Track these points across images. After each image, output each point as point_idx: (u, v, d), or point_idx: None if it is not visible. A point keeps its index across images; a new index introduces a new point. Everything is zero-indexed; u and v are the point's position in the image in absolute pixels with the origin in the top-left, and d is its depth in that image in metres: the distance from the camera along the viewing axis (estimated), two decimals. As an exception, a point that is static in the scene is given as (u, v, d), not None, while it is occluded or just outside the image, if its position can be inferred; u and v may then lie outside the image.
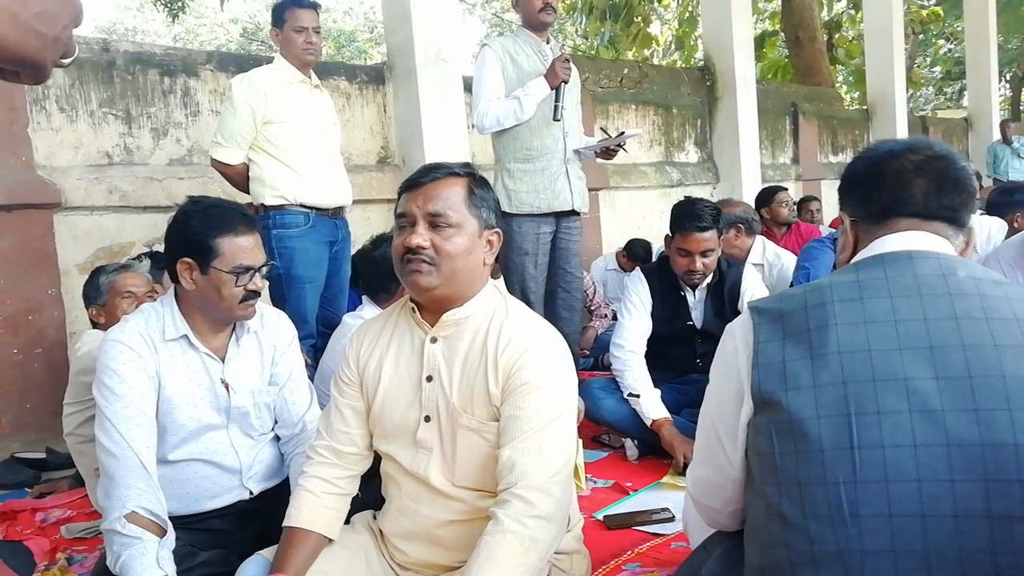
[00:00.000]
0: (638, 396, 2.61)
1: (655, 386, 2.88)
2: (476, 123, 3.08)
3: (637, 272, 2.92)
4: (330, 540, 1.44)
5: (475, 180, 1.42)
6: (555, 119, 3.03)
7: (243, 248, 1.64)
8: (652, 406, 2.59)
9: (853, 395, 0.95)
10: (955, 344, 0.95)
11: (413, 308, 1.44)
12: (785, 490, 0.97)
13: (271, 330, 1.79)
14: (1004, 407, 0.91)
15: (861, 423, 0.94)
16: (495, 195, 1.46)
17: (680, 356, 2.89)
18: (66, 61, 0.76)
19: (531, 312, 1.47)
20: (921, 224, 1.10)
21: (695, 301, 2.82)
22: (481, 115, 3.02)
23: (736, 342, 1.08)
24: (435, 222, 1.35)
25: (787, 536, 0.96)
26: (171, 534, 1.48)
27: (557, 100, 3.02)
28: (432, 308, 1.41)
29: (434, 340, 1.41)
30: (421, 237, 1.34)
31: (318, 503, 1.45)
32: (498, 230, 1.44)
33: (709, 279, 2.78)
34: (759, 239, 3.68)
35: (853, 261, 1.13)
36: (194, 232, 1.62)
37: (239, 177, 2.98)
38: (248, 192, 3.00)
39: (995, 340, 0.95)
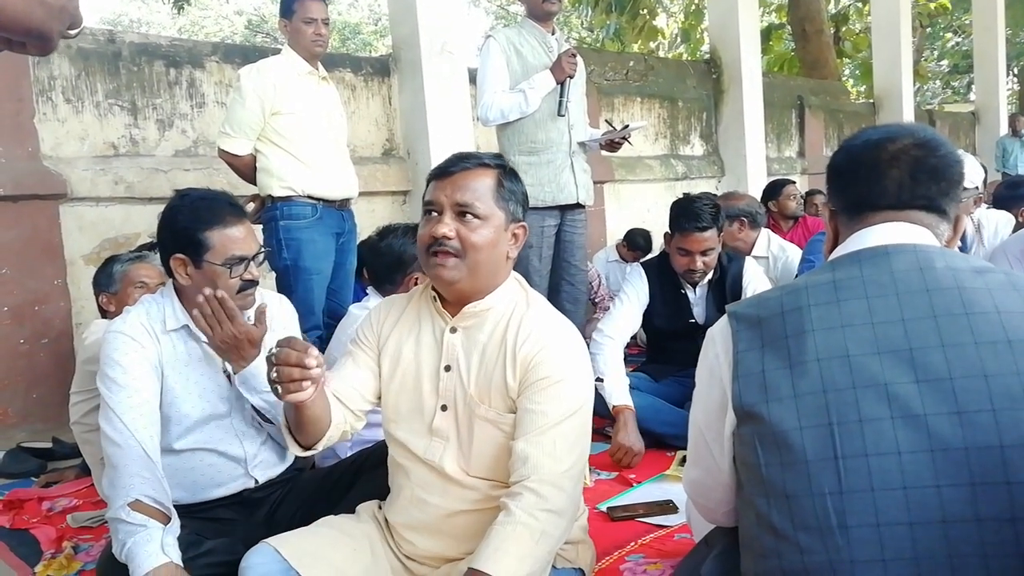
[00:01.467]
0: (603, 380, 2.60)
1: (659, 379, 2.89)
2: (480, 115, 3.07)
3: (638, 267, 2.91)
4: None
5: (505, 172, 1.41)
6: (559, 114, 3.03)
7: (234, 239, 1.62)
8: (615, 391, 2.58)
9: (834, 404, 0.93)
10: (934, 345, 0.93)
11: (434, 297, 1.44)
12: (774, 502, 0.95)
13: (272, 315, 1.78)
14: (987, 408, 0.89)
15: (844, 432, 0.92)
16: (523, 188, 1.45)
17: (683, 351, 2.87)
18: (73, 32, 0.76)
19: (551, 307, 1.47)
20: (897, 215, 1.06)
21: (696, 298, 2.81)
22: (486, 107, 3.02)
23: (717, 349, 1.06)
24: (462, 212, 1.35)
25: (778, 547, 0.95)
26: (175, 521, 1.49)
27: (562, 95, 3.01)
28: (454, 299, 1.41)
29: (454, 330, 1.41)
30: (447, 227, 1.34)
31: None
32: (524, 224, 1.43)
33: (710, 275, 2.77)
34: (764, 232, 3.67)
35: (831, 258, 1.11)
36: (183, 227, 1.61)
37: (246, 168, 2.98)
38: (255, 183, 3.00)
39: (975, 337, 0.92)
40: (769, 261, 3.54)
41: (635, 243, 4.95)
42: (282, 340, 1.23)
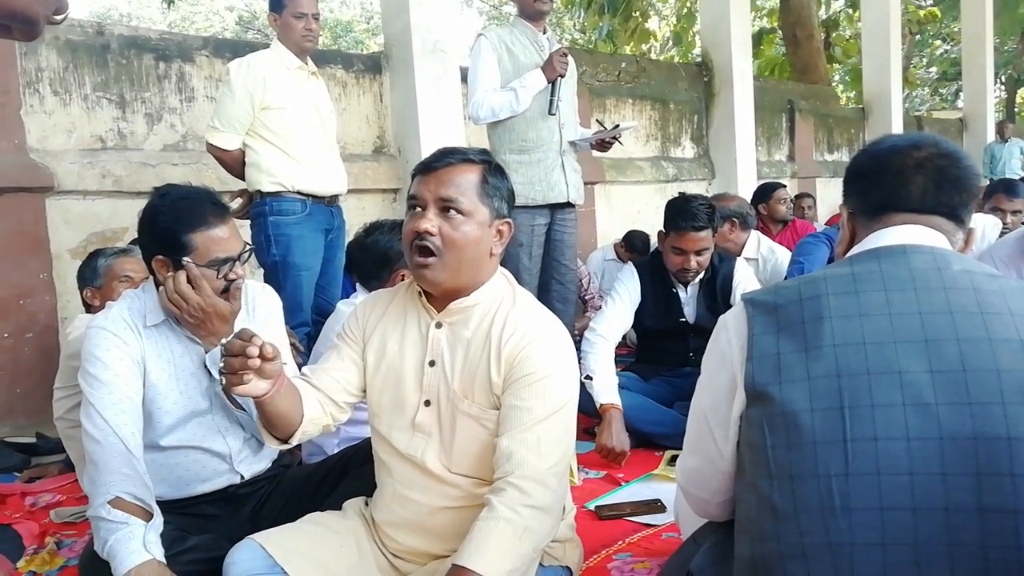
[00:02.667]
0: (592, 378, 2.60)
1: (648, 379, 2.90)
2: (471, 114, 3.07)
3: (630, 266, 2.92)
4: (302, 414, 1.41)
5: (490, 168, 1.41)
6: (550, 113, 3.03)
7: (217, 240, 1.58)
8: (603, 389, 2.58)
9: (847, 388, 0.95)
10: (950, 338, 0.95)
11: (420, 292, 1.44)
12: (777, 483, 0.96)
13: (255, 301, 1.76)
14: (998, 401, 0.91)
15: (854, 416, 0.93)
16: (509, 184, 1.44)
17: (673, 350, 2.90)
18: (58, 18, 0.76)
19: (538, 303, 1.47)
20: (918, 219, 1.09)
21: (687, 297, 2.83)
22: (476, 106, 3.01)
23: (729, 334, 1.07)
24: (446, 208, 1.34)
25: (778, 529, 0.96)
26: (158, 517, 1.47)
27: (553, 94, 3.01)
28: (440, 296, 1.41)
29: (439, 325, 1.41)
30: (430, 222, 1.33)
31: (301, 382, 1.45)
32: (509, 220, 1.43)
33: (701, 275, 2.78)
34: (754, 233, 3.68)
35: (848, 255, 1.13)
36: (164, 228, 1.56)
37: (235, 163, 2.96)
38: (243, 178, 2.98)
39: (990, 334, 0.95)
40: (759, 263, 3.55)
41: (633, 246, 4.98)
42: (238, 331, 1.23)
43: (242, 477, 1.75)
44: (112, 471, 1.45)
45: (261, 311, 1.77)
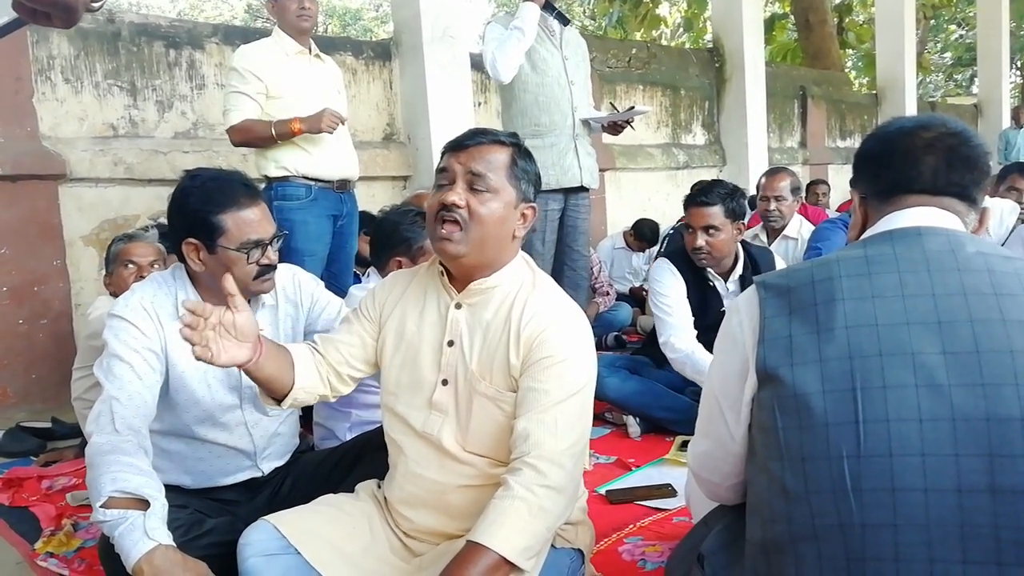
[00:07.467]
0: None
1: (660, 365, 2.87)
2: (491, 74, 3.01)
3: (667, 264, 2.78)
4: (294, 379, 1.43)
5: (519, 151, 1.42)
6: (562, 22, 3.08)
7: (249, 222, 1.55)
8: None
9: (859, 369, 0.94)
10: (963, 319, 0.95)
11: (442, 272, 1.45)
12: (788, 464, 0.96)
13: (288, 296, 1.75)
14: (1011, 382, 0.91)
15: (867, 397, 0.93)
16: (536, 169, 1.46)
17: (708, 341, 2.85)
18: (96, 4, 0.76)
19: (558, 288, 1.47)
20: (930, 200, 1.09)
21: (729, 292, 2.75)
22: (491, 64, 2.97)
23: (741, 317, 1.07)
24: (474, 183, 1.36)
25: (789, 510, 0.96)
26: (158, 503, 1.38)
27: (552, 10, 3.04)
28: (460, 275, 1.42)
29: (459, 306, 1.42)
30: (457, 195, 1.34)
31: (303, 348, 1.49)
32: (534, 205, 1.44)
33: (740, 268, 2.73)
34: (796, 214, 3.69)
35: (862, 238, 1.13)
36: (195, 210, 1.53)
37: (250, 133, 2.86)
38: (268, 142, 2.89)
39: (1004, 315, 0.94)
40: (798, 243, 3.54)
41: (643, 234, 5.02)
42: (186, 304, 1.27)
43: (263, 472, 1.77)
44: (102, 473, 1.38)
45: (305, 299, 1.78)
